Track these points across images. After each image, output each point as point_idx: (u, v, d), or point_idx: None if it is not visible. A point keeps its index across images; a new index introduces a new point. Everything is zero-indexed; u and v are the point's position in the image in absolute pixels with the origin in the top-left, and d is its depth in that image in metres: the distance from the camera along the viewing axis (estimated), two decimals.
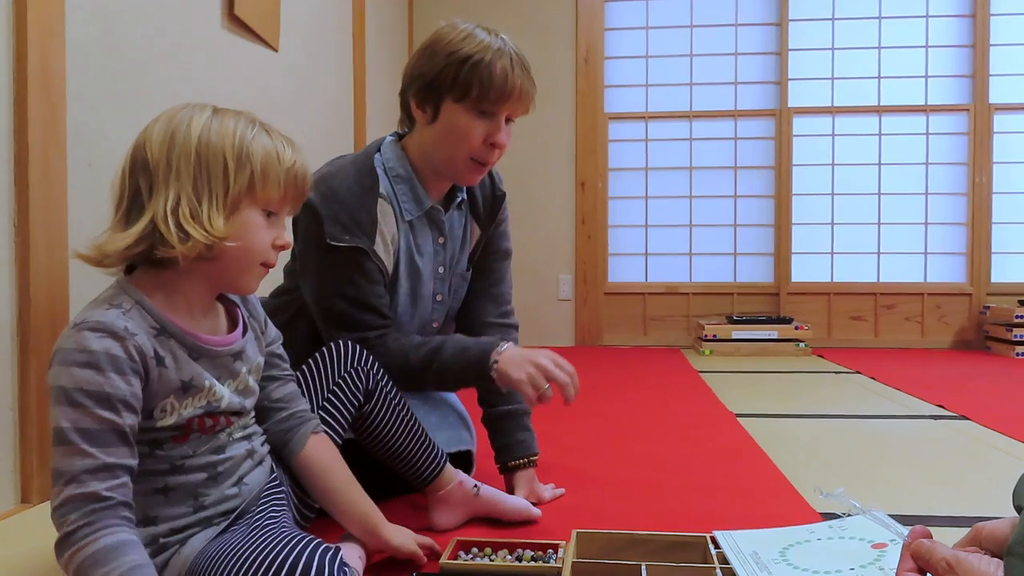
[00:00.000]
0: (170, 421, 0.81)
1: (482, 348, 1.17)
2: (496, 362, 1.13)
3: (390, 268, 1.25)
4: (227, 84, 1.98)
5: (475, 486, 1.17)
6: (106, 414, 0.74)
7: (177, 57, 1.76)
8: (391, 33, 3.61)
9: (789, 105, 3.81)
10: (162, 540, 0.82)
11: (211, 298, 0.88)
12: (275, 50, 2.27)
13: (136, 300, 0.80)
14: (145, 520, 0.81)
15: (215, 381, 0.86)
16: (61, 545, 0.72)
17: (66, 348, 0.75)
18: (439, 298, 1.34)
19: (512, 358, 1.13)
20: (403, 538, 1.00)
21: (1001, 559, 0.57)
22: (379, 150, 1.28)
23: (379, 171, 1.24)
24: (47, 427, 1.33)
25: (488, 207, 1.37)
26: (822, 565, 0.90)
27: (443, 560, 0.97)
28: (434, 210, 1.28)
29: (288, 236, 0.89)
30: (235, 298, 0.94)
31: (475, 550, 1.01)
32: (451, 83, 1.17)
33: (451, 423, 1.35)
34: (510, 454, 1.34)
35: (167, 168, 0.80)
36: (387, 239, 1.23)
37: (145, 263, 0.82)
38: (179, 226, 0.78)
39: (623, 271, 3.95)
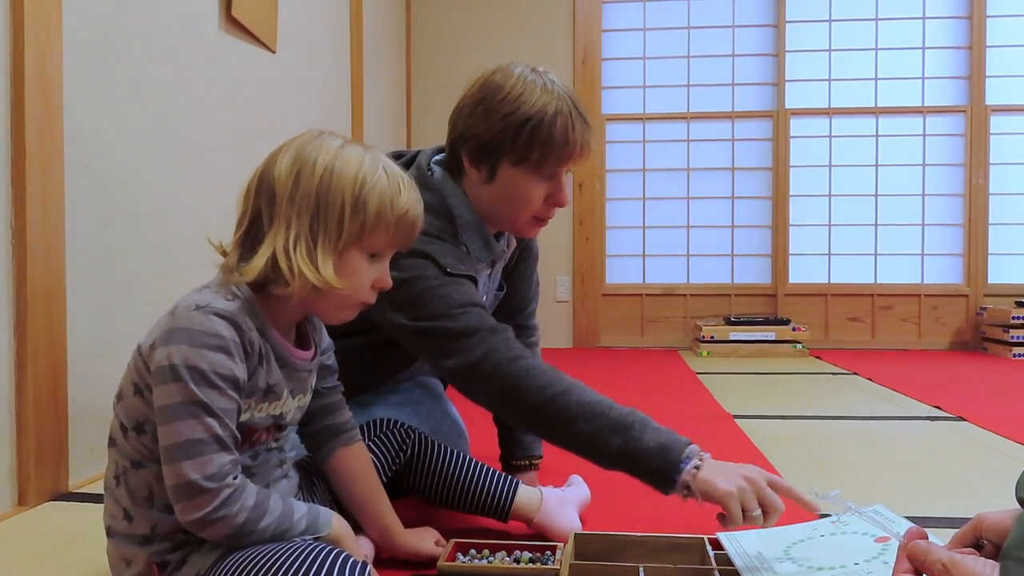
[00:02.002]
0: (243, 418, 0.83)
1: (676, 437, 1.01)
2: (698, 466, 0.98)
3: None
4: (224, 85, 1.98)
5: (562, 487, 1.18)
6: (234, 395, 0.79)
7: (175, 58, 1.76)
8: (389, 34, 3.61)
9: (786, 106, 3.82)
10: (183, 536, 0.82)
11: (298, 319, 0.91)
12: (272, 51, 2.27)
13: (245, 298, 0.83)
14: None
15: (290, 394, 0.89)
16: (231, 500, 0.77)
17: (195, 329, 0.78)
18: None
19: (717, 466, 0.99)
20: (422, 543, 1.03)
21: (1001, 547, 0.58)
22: (439, 187, 1.19)
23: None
24: (44, 429, 1.34)
25: None
26: (827, 561, 0.90)
27: (441, 562, 0.97)
28: (500, 252, 1.25)
29: (389, 278, 0.90)
30: None
31: (473, 551, 1.01)
32: (509, 147, 1.10)
33: (445, 433, 1.34)
34: (512, 453, 1.35)
35: (290, 205, 0.82)
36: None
37: None
38: (296, 264, 0.81)
39: (621, 272, 3.95)
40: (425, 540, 1.04)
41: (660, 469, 0.99)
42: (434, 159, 1.22)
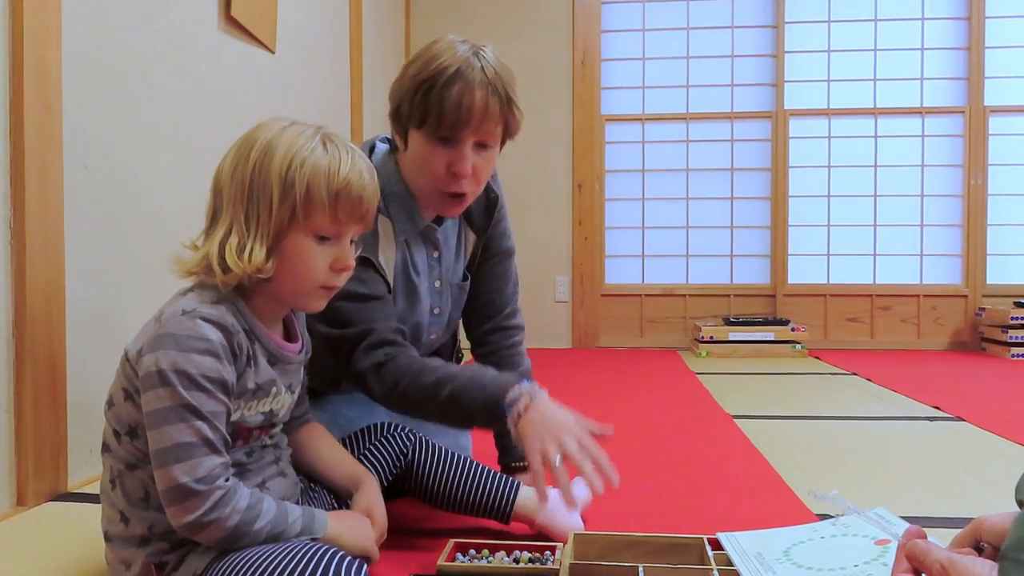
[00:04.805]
0: (233, 418, 0.83)
1: (500, 385, 1.03)
2: (520, 415, 0.98)
3: (390, 281, 1.21)
4: (224, 86, 1.98)
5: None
6: (223, 397, 0.79)
7: (173, 58, 1.75)
8: (388, 34, 3.61)
9: (785, 107, 3.82)
10: (180, 536, 0.82)
11: (282, 312, 0.91)
12: (272, 51, 2.27)
13: (232, 302, 0.83)
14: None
15: (283, 388, 0.89)
16: (223, 503, 0.77)
17: (182, 334, 0.78)
18: (436, 311, 1.30)
19: (539, 420, 0.97)
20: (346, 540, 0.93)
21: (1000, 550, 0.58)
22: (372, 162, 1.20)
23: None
24: (43, 429, 1.34)
25: (482, 212, 1.32)
26: (826, 563, 0.90)
27: (440, 562, 0.97)
28: (428, 228, 1.24)
29: (351, 258, 0.88)
30: None
31: (472, 551, 1.01)
32: (410, 110, 1.10)
33: (446, 430, 1.34)
34: (510, 455, 1.34)
35: (229, 197, 0.83)
36: (387, 255, 1.19)
37: None
38: (223, 258, 0.80)
39: (620, 273, 3.95)
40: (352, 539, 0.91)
41: (492, 399, 1.01)
42: (381, 136, 1.23)
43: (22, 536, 1.18)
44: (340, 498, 1.03)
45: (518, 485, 1.14)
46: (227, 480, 0.78)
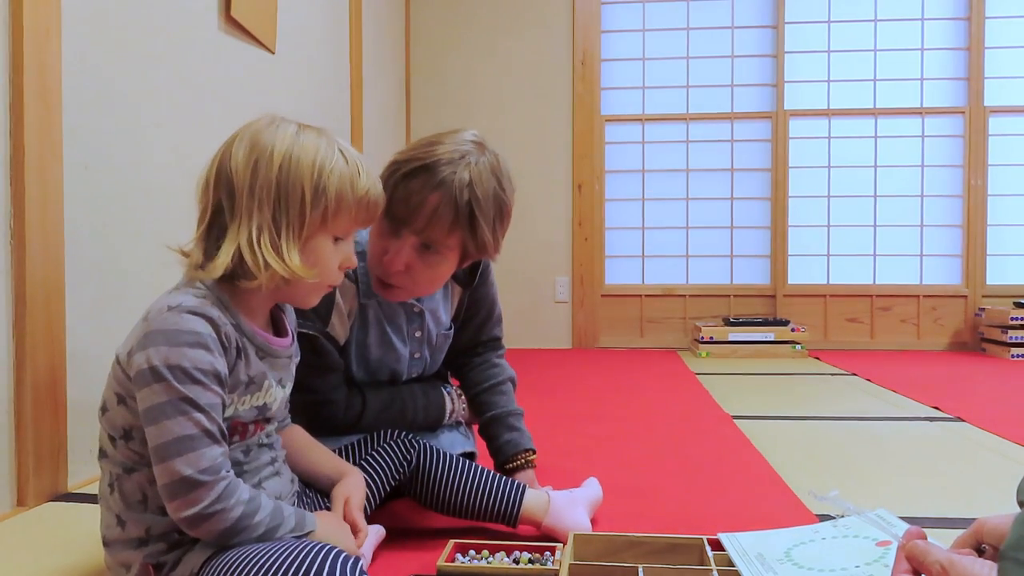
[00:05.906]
0: (227, 413, 0.83)
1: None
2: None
3: (344, 335, 1.21)
4: (224, 86, 1.98)
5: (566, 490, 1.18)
6: (218, 389, 0.80)
7: (173, 58, 1.76)
8: (388, 34, 3.61)
9: (785, 107, 3.82)
10: (178, 536, 0.82)
11: (268, 307, 0.92)
12: (272, 52, 2.27)
13: (217, 296, 0.84)
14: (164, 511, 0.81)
15: (274, 382, 0.89)
16: (227, 493, 0.77)
17: (170, 329, 0.78)
18: (416, 355, 1.31)
19: None
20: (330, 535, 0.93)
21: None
22: None
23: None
24: (43, 429, 1.34)
25: (466, 269, 1.29)
26: (827, 564, 0.90)
27: (440, 563, 0.97)
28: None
29: (355, 257, 0.92)
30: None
31: (472, 552, 1.01)
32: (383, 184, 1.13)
33: (449, 426, 1.35)
34: (503, 456, 1.33)
35: (250, 196, 0.82)
36: (343, 312, 1.20)
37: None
38: (262, 257, 0.81)
39: (620, 273, 3.95)
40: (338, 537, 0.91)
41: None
42: None
43: (22, 536, 1.18)
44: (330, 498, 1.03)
45: (524, 488, 1.13)
46: (228, 471, 0.79)
